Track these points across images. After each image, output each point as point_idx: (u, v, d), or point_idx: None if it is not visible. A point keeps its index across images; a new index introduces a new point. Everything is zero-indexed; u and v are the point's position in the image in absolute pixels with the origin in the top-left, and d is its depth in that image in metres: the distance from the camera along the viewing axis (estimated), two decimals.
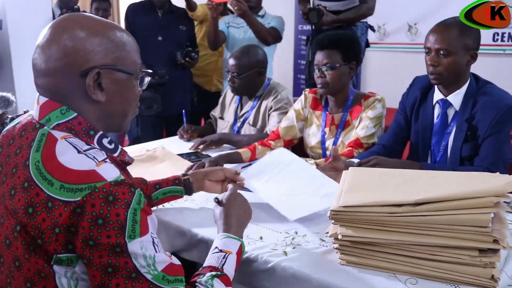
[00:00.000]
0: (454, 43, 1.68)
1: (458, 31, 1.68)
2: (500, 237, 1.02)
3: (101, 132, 0.99)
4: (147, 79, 1.06)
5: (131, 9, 3.29)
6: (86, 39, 0.94)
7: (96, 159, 0.90)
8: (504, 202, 1.53)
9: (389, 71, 4.95)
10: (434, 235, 1.06)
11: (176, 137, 2.65)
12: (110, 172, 0.88)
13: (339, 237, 1.13)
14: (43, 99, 0.96)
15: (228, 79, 2.44)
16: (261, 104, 2.45)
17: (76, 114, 0.95)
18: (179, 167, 1.95)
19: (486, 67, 4.35)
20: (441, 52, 1.69)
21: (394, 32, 5.07)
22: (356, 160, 1.76)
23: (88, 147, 0.93)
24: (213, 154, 2.24)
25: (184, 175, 1.52)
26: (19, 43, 2.85)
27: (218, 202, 1.23)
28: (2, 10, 2.81)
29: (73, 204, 0.84)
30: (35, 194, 0.86)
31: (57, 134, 0.92)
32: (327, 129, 2.15)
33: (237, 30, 3.23)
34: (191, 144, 2.39)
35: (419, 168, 1.59)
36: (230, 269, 1.05)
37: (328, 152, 2.12)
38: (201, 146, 2.31)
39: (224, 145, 2.39)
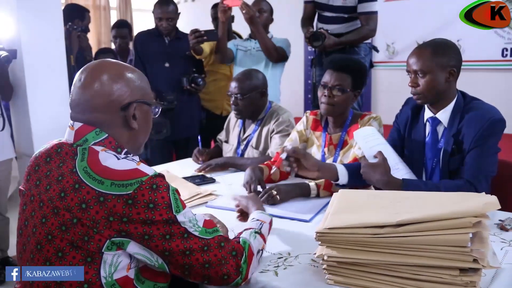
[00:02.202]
0: (428, 63, 1.74)
1: (430, 52, 1.75)
2: (479, 256, 1.04)
3: (126, 150, 1.21)
4: (159, 109, 1.31)
5: (139, 37, 3.41)
6: (123, 80, 1.19)
7: (135, 160, 1.14)
8: (500, 220, 1.57)
9: (399, 89, 4.95)
10: (416, 255, 1.09)
11: (182, 161, 2.72)
12: (148, 169, 1.11)
13: (325, 257, 1.17)
14: (78, 124, 1.17)
15: (231, 102, 2.50)
16: (263, 127, 2.51)
17: (107, 135, 1.17)
18: (184, 190, 2.01)
19: (495, 82, 4.39)
20: (419, 73, 1.76)
21: (403, 50, 5.12)
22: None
23: (122, 155, 1.16)
24: (218, 177, 2.31)
25: None
26: (33, 72, 2.95)
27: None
28: (17, 40, 2.92)
29: (126, 196, 1.05)
30: (86, 192, 1.06)
31: (97, 148, 1.14)
32: (326, 149, 2.19)
33: (244, 53, 3.30)
34: (196, 167, 2.45)
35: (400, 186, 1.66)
36: (265, 232, 1.35)
37: None
38: (206, 169, 2.37)
39: (229, 168, 2.46)
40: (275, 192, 1.82)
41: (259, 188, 1.95)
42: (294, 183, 1.94)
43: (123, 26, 4.35)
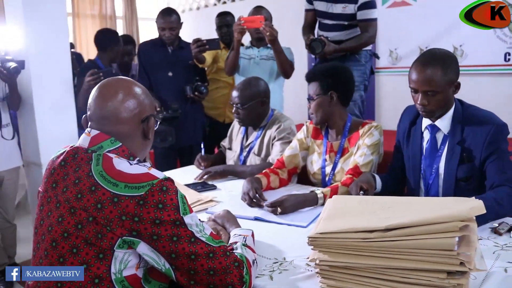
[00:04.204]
0: (440, 82, 1.70)
1: (441, 70, 1.69)
2: (466, 259, 1.07)
3: (138, 158, 1.31)
4: (158, 122, 1.44)
5: (143, 47, 3.47)
6: (140, 96, 1.32)
7: (146, 165, 1.23)
8: (494, 224, 1.59)
9: (402, 95, 4.95)
10: (404, 259, 1.12)
11: (185, 168, 2.76)
12: (158, 173, 1.21)
13: (317, 262, 1.20)
14: (95, 132, 1.28)
15: (233, 111, 2.54)
16: (265, 134, 2.54)
17: (121, 144, 1.27)
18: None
19: (499, 87, 4.38)
20: (429, 93, 1.72)
21: (406, 56, 5.12)
22: None
23: (135, 162, 1.25)
24: (219, 184, 2.35)
25: None
26: (40, 82, 3.02)
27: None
28: (24, 51, 3.00)
29: (138, 197, 1.14)
30: (101, 194, 1.15)
31: (110, 155, 1.24)
32: (327, 156, 2.23)
33: (248, 61, 3.32)
34: (197, 174, 2.48)
35: None
36: (251, 244, 1.38)
37: (327, 178, 2.20)
38: (205, 176, 2.41)
39: (229, 176, 2.49)
40: (279, 210, 1.83)
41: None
42: (302, 195, 1.93)
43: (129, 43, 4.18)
